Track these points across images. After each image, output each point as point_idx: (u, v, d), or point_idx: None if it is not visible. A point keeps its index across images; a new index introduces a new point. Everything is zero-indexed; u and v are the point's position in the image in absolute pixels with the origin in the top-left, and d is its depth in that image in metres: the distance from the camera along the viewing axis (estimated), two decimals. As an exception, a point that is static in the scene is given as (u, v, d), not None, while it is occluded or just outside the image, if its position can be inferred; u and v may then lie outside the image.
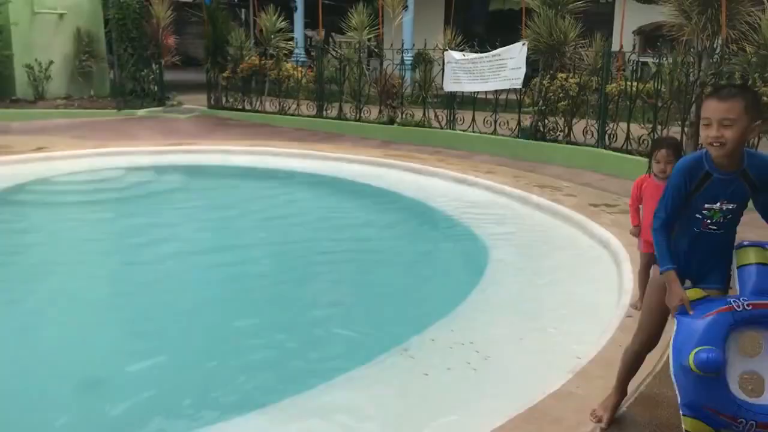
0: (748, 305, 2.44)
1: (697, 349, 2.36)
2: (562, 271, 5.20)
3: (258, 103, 13.83)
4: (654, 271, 2.73)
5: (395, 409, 3.28)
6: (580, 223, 6.22)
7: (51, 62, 14.69)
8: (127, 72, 14.92)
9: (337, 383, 3.45)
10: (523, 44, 9.88)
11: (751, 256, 2.53)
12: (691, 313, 2.48)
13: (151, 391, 3.49)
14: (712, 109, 2.45)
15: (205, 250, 5.99)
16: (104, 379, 3.60)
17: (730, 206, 2.54)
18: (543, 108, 9.84)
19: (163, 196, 7.96)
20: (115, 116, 13.88)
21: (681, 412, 2.47)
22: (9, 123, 12.39)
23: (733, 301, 2.46)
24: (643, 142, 8.51)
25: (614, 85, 9.14)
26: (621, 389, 2.94)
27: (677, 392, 2.48)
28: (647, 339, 2.81)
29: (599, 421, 2.90)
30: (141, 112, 14.33)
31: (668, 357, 2.53)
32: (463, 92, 11.02)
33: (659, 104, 8.45)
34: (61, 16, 15.11)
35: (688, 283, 2.62)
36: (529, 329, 4.13)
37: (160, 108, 14.84)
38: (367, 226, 6.99)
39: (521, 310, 4.48)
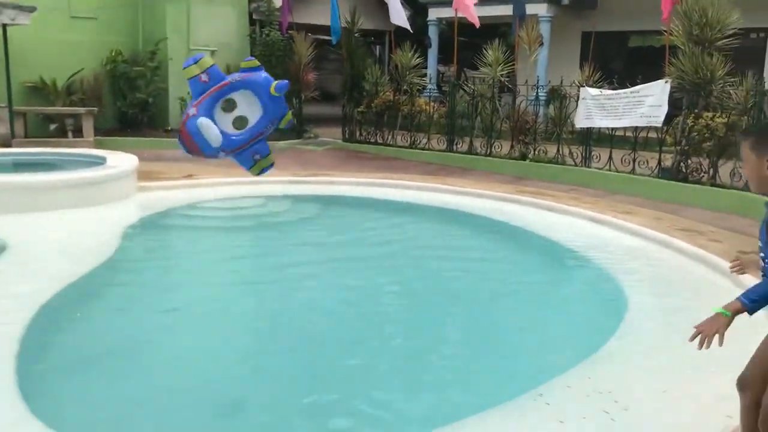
0: None
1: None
2: (708, 321, 4.88)
3: (390, 136, 14.12)
4: None
5: (529, 455, 3.19)
6: (728, 271, 5.81)
7: (201, 95, 15.67)
8: (270, 105, 15.67)
9: (467, 424, 3.36)
10: (666, 82, 9.53)
11: None
12: None
13: (265, 416, 3.63)
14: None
15: (329, 278, 6.19)
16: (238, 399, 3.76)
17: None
18: (686, 148, 9.42)
19: (296, 224, 8.29)
20: (256, 147, 14.58)
21: None
22: (162, 151, 13.35)
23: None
24: (799, 186, 7.91)
25: (767, 125, 8.59)
26: None
27: None
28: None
29: None
30: (281, 143, 14.96)
31: None
32: (596, 128, 10.76)
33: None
34: (213, 52, 16.13)
35: None
36: (672, 381, 3.88)
37: (298, 140, 15.48)
38: (498, 264, 6.91)
39: (663, 361, 4.23)
